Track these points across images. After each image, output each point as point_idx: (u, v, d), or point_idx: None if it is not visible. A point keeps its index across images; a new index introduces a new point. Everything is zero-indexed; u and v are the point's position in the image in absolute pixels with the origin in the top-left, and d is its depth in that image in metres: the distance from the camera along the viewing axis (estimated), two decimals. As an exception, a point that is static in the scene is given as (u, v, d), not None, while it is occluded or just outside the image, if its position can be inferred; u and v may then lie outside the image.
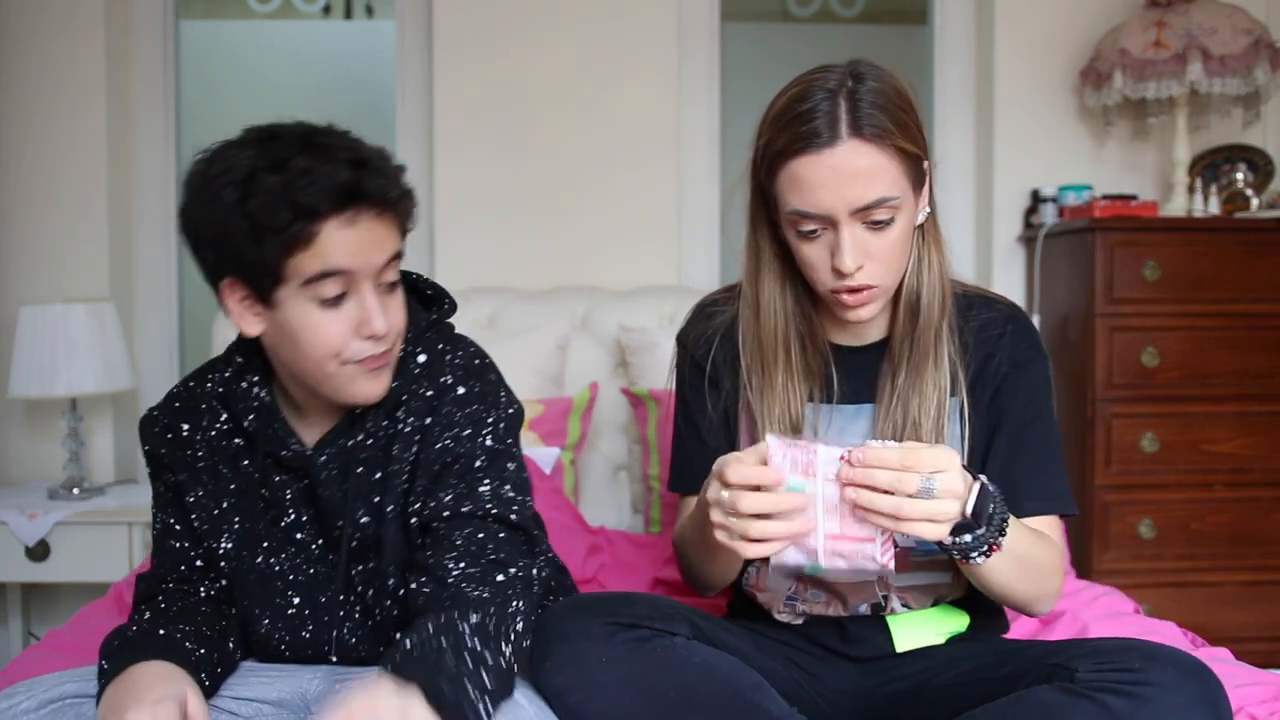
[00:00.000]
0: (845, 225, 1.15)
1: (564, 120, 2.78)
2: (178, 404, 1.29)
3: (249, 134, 1.13)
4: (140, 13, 2.85)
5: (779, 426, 1.28)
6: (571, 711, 1.11)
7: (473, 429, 1.23)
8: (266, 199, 1.07)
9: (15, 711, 1.06)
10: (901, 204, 1.16)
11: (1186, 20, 2.52)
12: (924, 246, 1.25)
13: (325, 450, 1.23)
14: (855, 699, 1.30)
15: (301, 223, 1.07)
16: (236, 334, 1.23)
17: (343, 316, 1.13)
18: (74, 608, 2.51)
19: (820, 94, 1.15)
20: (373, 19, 4.35)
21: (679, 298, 2.59)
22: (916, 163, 1.18)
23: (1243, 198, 2.68)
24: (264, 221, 1.07)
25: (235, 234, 1.08)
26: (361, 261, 1.11)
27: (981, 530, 1.08)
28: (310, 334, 1.12)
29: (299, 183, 1.07)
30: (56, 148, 2.71)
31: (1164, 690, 1.02)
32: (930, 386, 1.23)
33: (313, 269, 1.09)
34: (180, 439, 1.27)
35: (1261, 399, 2.48)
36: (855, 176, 1.13)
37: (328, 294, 1.11)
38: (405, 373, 1.24)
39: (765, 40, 4.10)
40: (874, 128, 1.13)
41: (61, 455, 2.61)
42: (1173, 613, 2.32)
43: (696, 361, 1.38)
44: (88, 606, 1.65)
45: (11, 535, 2.37)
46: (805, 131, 1.14)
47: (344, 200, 1.08)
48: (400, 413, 1.24)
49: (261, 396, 1.23)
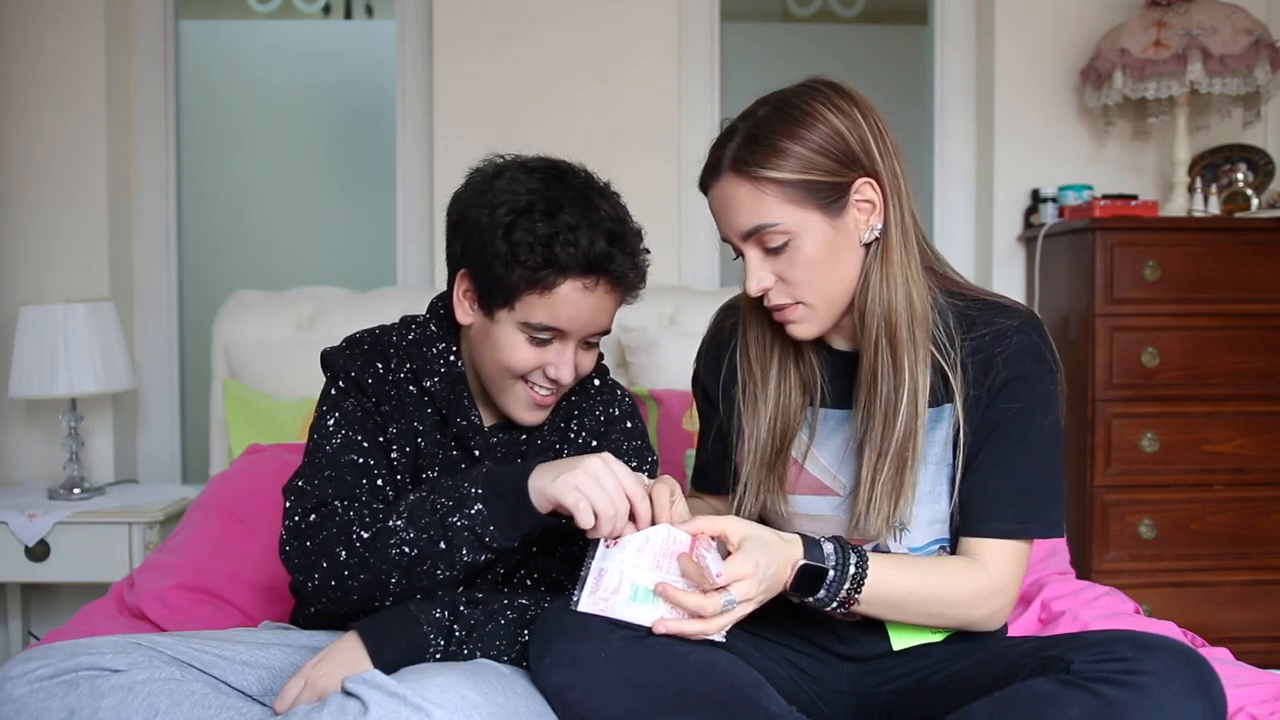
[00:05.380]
0: (744, 249, 1.23)
1: (564, 120, 2.78)
2: (366, 346, 1.36)
3: (539, 163, 1.28)
4: (140, 13, 2.85)
5: (765, 423, 1.31)
6: (570, 708, 1.11)
7: (637, 462, 1.39)
8: (530, 238, 1.20)
9: (32, 676, 1.08)
10: (795, 229, 1.19)
11: (1186, 20, 2.52)
12: (871, 263, 1.24)
13: (498, 434, 1.35)
14: (853, 698, 1.30)
15: (549, 272, 1.21)
16: (428, 305, 1.39)
17: (541, 353, 1.26)
18: (74, 608, 2.52)
19: (728, 133, 1.23)
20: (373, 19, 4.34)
21: (679, 298, 2.59)
22: (820, 189, 1.19)
23: (1243, 197, 2.68)
24: (520, 256, 1.21)
25: (491, 249, 1.22)
26: (582, 325, 1.26)
27: (822, 594, 1.18)
28: (508, 351, 1.26)
29: (561, 237, 1.20)
30: (56, 147, 2.71)
31: (1158, 679, 1.03)
32: (899, 397, 1.22)
33: (538, 317, 1.24)
34: (379, 374, 1.34)
35: (1261, 399, 2.48)
36: (735, 206, 1.21)
37: (540, 336, 1.26)
38: (582, 391, 1.40)
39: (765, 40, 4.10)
40: (748, 165, 1.19)
41: (61, 455, 2.61)
42: (1173, 613, 2.33)
43: (703, 365, 1.43)
44: (87, 606, 1.65)
45: (11, 535, 2.37)
46: (706, 165, 1.25)
47: (590, 269, 1.22)
48: (574, 425, 1.39)
49: (455, 364, 1.35)
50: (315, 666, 1.15)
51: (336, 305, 2.54)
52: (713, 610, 1.10)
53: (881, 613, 1.22)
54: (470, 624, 1.20)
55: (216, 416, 2.50)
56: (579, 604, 1.12)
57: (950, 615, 1.24)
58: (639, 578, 1.12)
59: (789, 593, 1.18)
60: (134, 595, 1.63)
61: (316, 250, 4.16)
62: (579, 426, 1.39)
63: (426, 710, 1.00)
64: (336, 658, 1.16)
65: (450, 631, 1.19)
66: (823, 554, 1.18)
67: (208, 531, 1.81)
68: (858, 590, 1.18)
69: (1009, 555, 1.25)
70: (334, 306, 2.53)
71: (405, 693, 1.01)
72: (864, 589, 1.18)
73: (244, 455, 2.10)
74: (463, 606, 1.21)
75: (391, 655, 1.16)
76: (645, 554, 1.14)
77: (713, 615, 1.10)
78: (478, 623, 1.21)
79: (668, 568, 1.13)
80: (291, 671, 1.21)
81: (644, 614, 1.12)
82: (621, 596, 1.12)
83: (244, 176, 4.20)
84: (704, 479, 1.45)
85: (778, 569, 1.15)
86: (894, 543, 1.27)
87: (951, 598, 1.22)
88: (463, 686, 1.04)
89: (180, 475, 2.93)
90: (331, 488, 1.26)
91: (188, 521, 1.90)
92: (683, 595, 1.10)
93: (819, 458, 1.30)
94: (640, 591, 1.12)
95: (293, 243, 4.21)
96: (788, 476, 1.31)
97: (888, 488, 1.23)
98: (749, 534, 1.14)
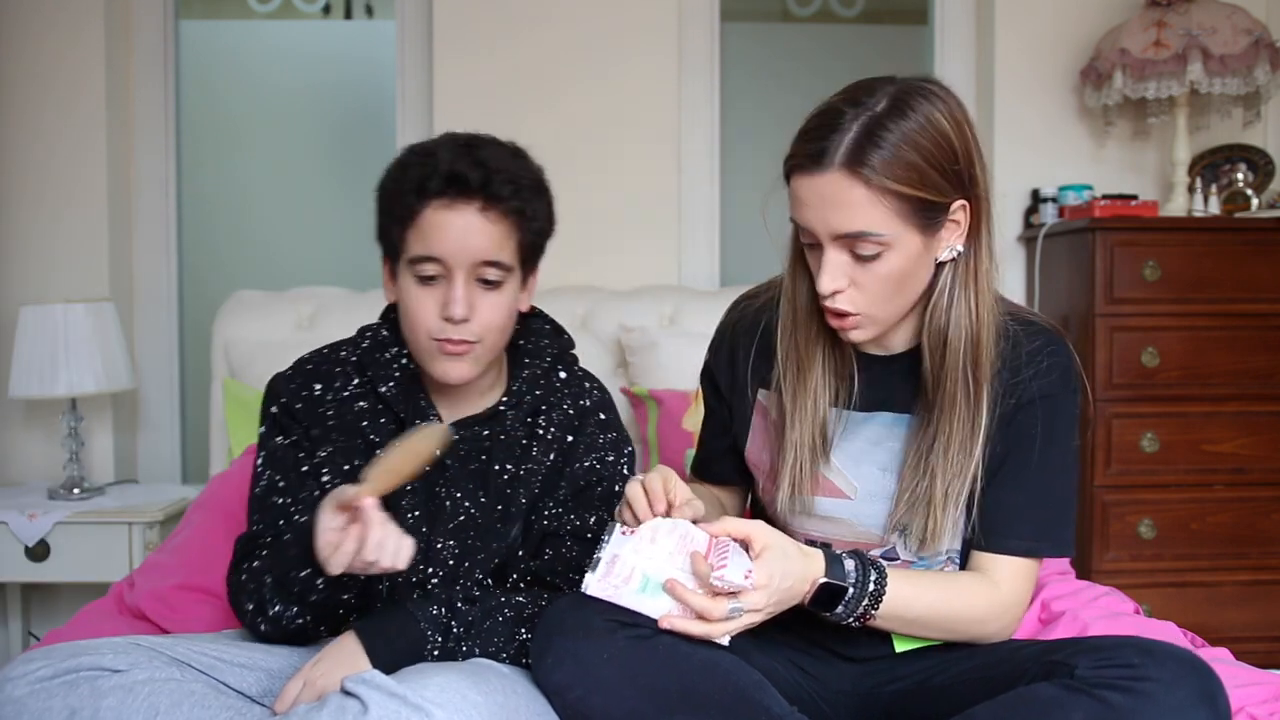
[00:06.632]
0: (828, 247, 1.16)
1: (564, 121, 2.78)
2: (310, 367, 1.37)
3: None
4: (140, 13, 2.85)
5: (808, 422, 1.27)
6: (571, 707, 1.11)
7: (614, 455, 1.39)
8: (395, 173, 1.26)
9: (32, 677, 1.09)
10: (892, 242, 1.14)
11: (1186, 20, 2.52)
12: (954, 284, 1.21)
13: (460, 431, 1.33)
14: (855, 699, 1.30)
15: (411, 198, 1.23)
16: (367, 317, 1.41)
17: (432, 296, 1.25)
18: (74, 608, 2.51)
19: (835, 117, 1.13)
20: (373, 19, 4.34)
21: (679, 298, 2.59)
22: (925, 206, 1.14)
23: (1243, 197, 2.68)
24: (388, 198, 1.26)
25: (380, 209, 1.28)
26: (457, 249, 1.23)
27: (839, 610, 1.17)
28: (410, 304, 1.26)
29: (417, 161, 1.23)
30: (56, 147, 2.71)
31: (1163, 685, 1.03)
32: (974, 418, 1.21)
33: (415, 250, 1.24)
34: (314, 397, 1.34)
35: (1261, 399, 2.48)
36: (838, 206, 1.13)
37: (424, 273, 1.24)
38: (547, 384, 1.38)
39: (765, 40, 4.10)
40: (866, 166, 1.10)
41: (61, 455, 2.61)
42: (1173, 613, 2.32)
43: (714, 361, 1.41)
44: (87, 606, 1.65)
45: (11, 535, 2.37)
46: (806, 151, 1.14)
47: (447, 185, 1.22)
48: (542, 420, 1.36)
49: (406, 365, 1.35)
50: (314, 667, 1.15)
51: (336, 305, 2.53)
52: (718, 615, 1.09)
53: (894, 627, 1.23)
54: (468, 620, 1.20)
55: (216, 417, 2.50)
56: (588, 587, 1.12)
57: (961, 631, 1.24)
58: (651, 570, 1.12)
59: (806, 606, 1.17)
60: (134, 595, 1.62)
61: (316, 250, 4.15)
62: (547, 422, 1.36)
63: (426, 710, 1.00)
64: (335, 658, 1.16)
65: (448, 629, 1.19)
66: (844, 571, 1.17)
67: (208, 531, 1.81)
68: (875, 607, 1.18)
69: (1021, 572, 1.25)
70: (334, 306, 2.53)
71: (405, 693, 1.01)
72: (880, 606, 1.18)
73: (244, 455, 2.09)
74: (460, 603, 1.21)
75: (389, 654, 1.16)
76: (660, 546, 1.13)
77: (718, 620, 1.10)
78: (475, 620, 1.21)
79: (681, 564, 1.13)
80: (290, 674, 1.21)
81: (651, 606, 1.12)
82: (631, 586, 1.12)
83: (244, 176, 4.20)
84: (705, 470, 1.45)
85: (795, 583, 1.14)
86: (904, 550, 1.27)
87: (964, 615, 1.23)
88: (463, 686, 1.04)
89: (180, 475, 2.93)
90: (261, 527, 1.32)
91: (188, 521, 1.90)
92: (691, 595, 1.10)
93: (833, 459, 1.29)
94: (650, 584, 1.12)
95: (293, 243, 4.21)
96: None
97: (953, 503, 1.22)
98: (771, 544, 1.13)
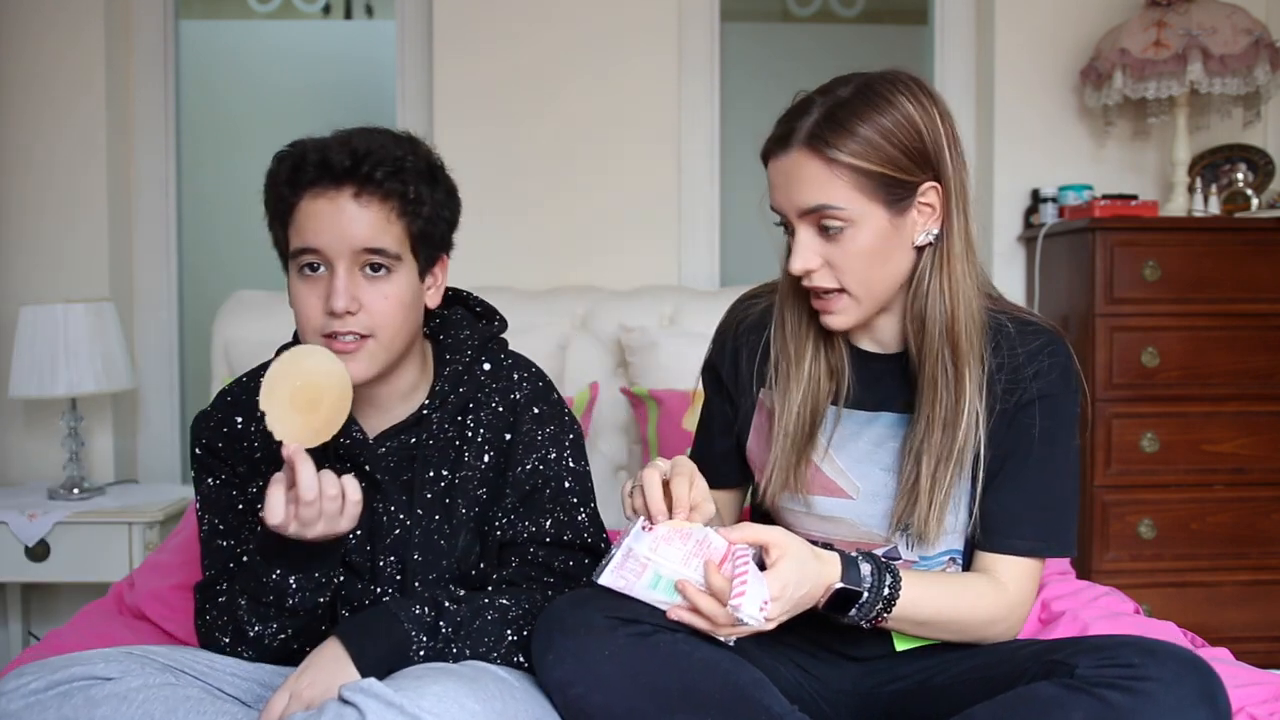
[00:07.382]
0: (798, 227, 1.21)
1: (564, 121, 2.78)
2: (229, 398, 1.33)
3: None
4: (140, 13, 2.85)
5: (795, 411, 1.28)
6: (572, 704, 1.11)
7: (556, 451, 1.32)
8: (271, 171, 1.21)
9: (25, 690, 1.08)
10: (855, 217, 1.18)
11: (1186, 20, 2.52)
12: (931, 269, 1.24)
13: (385, 443, 1.27)
14: (855, 698, 1.30)
15: (285, 190, 1.19)
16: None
17: (315, 291, 1.20)
18: (74, 608, 2.51)
19: (805, 104, 1.20)
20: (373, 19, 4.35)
21: (679, 298, 2.59)
22: (888, 182, 1.18)
23: (1243, 197, 2.68)
24: (267, 196, 1.22)
25: (265, 210, 1.23)
26: (335, 239, 1.17)
27: (853, 613, 1.17)
28: (295, 302, 1.21)
29: (289, 157, 1.19)
30: (57, 148, 2.71)
31: (1163, 685, 1.03)
32: (959, 404, 1.22)
33: (294, 243, 1.20)
34: (235, 432, 1.30)
35: (1261, 399, 2.48)
36: (799, 181, 1.19)
37: (306, 266, 1.20)
38: (471, 380, 1.31)
39: (765, 40, 4.10)
40: (823, 142, 1.16)
41: (61, 455, 2.61)
42: (1173, 613, 2.32)
43: (717, 357, 1.41)
44: (87, 606, 1.65)
45: (11, 535, 2.37)
46: (775, 135, 1.21)
47: (318, 174, 1.17)
48: (470, 420, 1.30)
49: None
50: (299, 679, 1.12)
51: (336, 305, 2.53)
52: (725, 621, 1.10)
53: (903, 628, 1.23)
54: (457, 620, 1.18)
55: (216, 416, 2.50)
56: (600, 577, 1.13)
57: (969, 632, 1.24)
58: (664, 569, 1.13)
59: (820, 610, 1.17)
60: (134, 595, 1.62)
61: (316, 250, 4.15)
62: (475, 423, 1.30)
63: None
64: (319, 667, 1.12)
65: (435, 628, 1.17)
66: (860, 576, 1.17)
67: (208, 531, 1.81)
68: (888, 610, 1.18)
69: (1026, 573, 1.25)
70: (334, 306, 2.53)
71: (403, 702, 1.00)
72: (893, 608, 1.18)
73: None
74: (447, 602, 1.19)
75: (374, 656, 1.13)
76: (677, 549, 1.13)
77: (724, 625, 1.10)
78: (464, 619, 1.19)
79: (695, 567, 1.13)
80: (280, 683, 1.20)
81: (663, 603, 1.13)
82: (643, 582, 1.13)
83: (244, 176, 4.13)
84: (700, 468, 1.42)
85: (809, 590, 1.14)
86: (905, 551, 1.27)
87: (973, 616, 1.23)
88: (460, 694, 1.03)
89: (180, 475, 2.93)
90: (213, 571, 1.31)
91: (188, 521, 1.90)
92: (701, 598, 1.10)
93: (835, 459, 1.29)
94: (662, 583, 1.13)
95: (293, 243, 4.20)
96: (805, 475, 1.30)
97: (946, 493, 1.22)
98: (788, 551, 1.13)
